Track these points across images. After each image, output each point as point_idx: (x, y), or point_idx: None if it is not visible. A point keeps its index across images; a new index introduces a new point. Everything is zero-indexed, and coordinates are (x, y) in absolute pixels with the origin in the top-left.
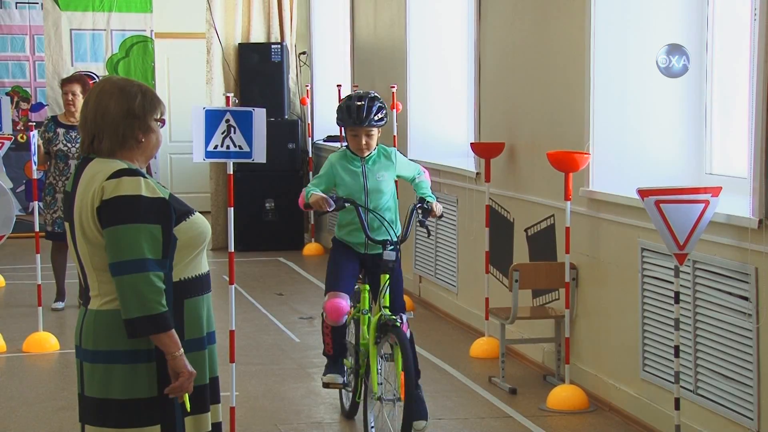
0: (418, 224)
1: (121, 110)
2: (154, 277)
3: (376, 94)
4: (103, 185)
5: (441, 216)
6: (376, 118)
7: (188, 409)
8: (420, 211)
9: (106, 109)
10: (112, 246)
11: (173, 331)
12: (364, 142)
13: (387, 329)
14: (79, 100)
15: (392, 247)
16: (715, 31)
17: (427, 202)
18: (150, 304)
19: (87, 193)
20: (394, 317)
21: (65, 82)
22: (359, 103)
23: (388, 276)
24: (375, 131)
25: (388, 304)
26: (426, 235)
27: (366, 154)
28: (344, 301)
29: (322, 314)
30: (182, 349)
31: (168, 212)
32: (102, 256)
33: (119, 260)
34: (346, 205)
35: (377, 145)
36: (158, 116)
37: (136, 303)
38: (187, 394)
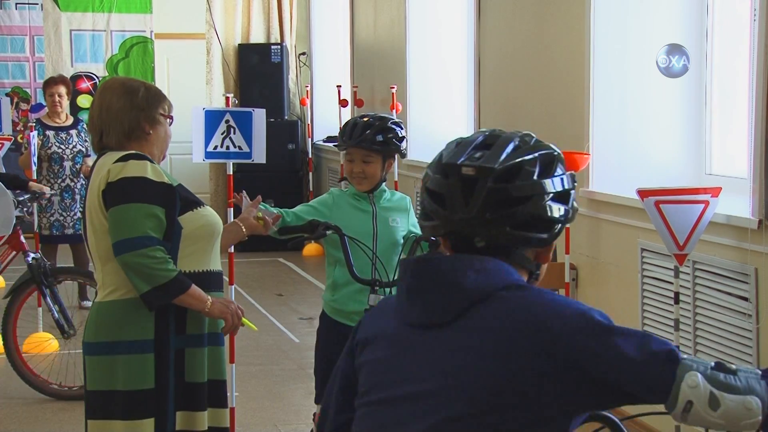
0: None
1: (124, 103)
2: (155, 250)
3: (388, 116)
4: (109, 169)
5: None
6: (375, 138)
7: (254, 328)
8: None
9: (109, 104)
10: (115, 225)
11: (193, 287)
12: (359, 169)
13: None
14: (65, 101)
15: (381, 288)
16: (715, 31)
17: None
18: (156, 274)
19: (95, 181)
20: None
21: (50, 84)
22: (361, 120)
23: None
24: (374, 159)
25: None
26: None
27: (364, 187)
28: None
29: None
30: (210, 299)
31: (172, 198)
32: (106, 242)
33: (121, 238)
34: (328, 232)
35: (382, 181)
36: (165, 111)
37: (143, 278)
38: (245, 319)
